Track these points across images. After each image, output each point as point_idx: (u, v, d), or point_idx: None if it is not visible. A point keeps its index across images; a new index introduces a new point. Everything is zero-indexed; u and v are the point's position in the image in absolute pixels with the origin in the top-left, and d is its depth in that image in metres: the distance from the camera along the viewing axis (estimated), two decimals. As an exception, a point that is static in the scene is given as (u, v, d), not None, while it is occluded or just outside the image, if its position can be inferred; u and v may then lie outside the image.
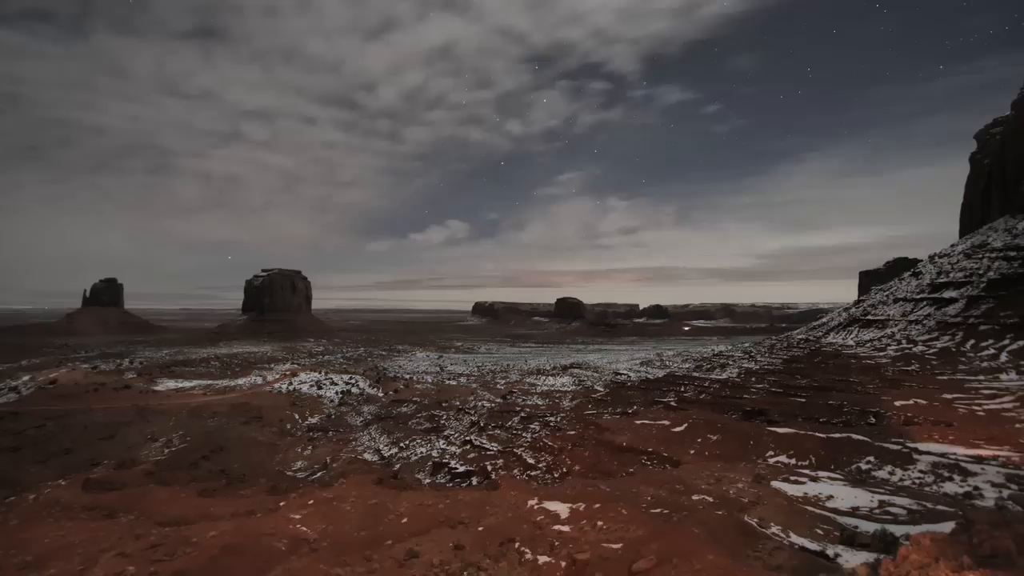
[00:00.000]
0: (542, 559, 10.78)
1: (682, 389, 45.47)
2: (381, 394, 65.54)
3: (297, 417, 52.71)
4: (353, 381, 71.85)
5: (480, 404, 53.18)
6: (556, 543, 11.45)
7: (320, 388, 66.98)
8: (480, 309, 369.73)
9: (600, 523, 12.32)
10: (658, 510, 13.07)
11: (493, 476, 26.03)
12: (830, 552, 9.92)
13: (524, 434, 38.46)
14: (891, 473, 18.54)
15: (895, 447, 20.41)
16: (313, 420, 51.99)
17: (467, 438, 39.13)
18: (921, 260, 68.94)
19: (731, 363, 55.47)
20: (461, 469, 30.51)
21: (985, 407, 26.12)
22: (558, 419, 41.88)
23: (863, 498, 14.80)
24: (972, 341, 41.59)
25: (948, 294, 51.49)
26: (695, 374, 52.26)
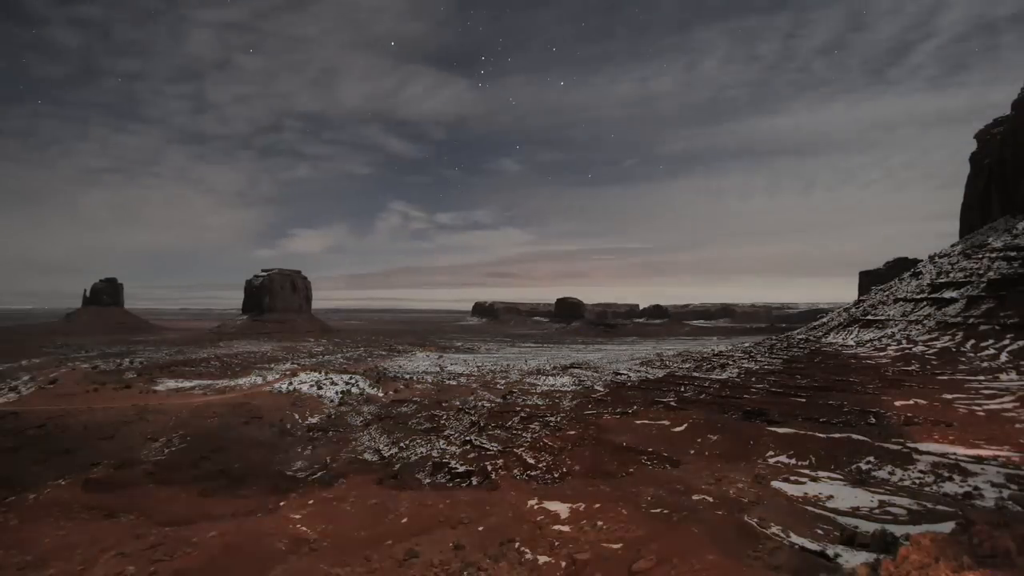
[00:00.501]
0: (542, 559, 10.78)
1: (682, 389, 45.45)
2: (381, 394, 65.52)
3: (297, 417, 52.69)
4: (353, 381, 71.83)
5: (480, 404, 53.14)
6: (556, 543, 11.45)
7: (320, 388, 66.98)
8: (480, 309, 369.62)
9: (600, 523, 12.32)
10: (658, 510, 13.06)
11: (493, 476, 26.01)
12: (830, 552, 9.90)
13: (524, 434, 38.42)
14: (891, 473, 18.51)
15: (895, 447, 20.38)
16: (313, 420, 51.97)
17: (467, 438, 39.10)
18: (921, 260, 68.99)
19: (731, 363, 55.45)
20: (461, 469, 30.48)
21: (985, 407, 26.10)
22: (558, 419, 41.85)
23: (863, 498, 14.79)
24: (972, 341, 41.58)
25: (948, 294, 51.48)
26: (695, 374, 52.24)
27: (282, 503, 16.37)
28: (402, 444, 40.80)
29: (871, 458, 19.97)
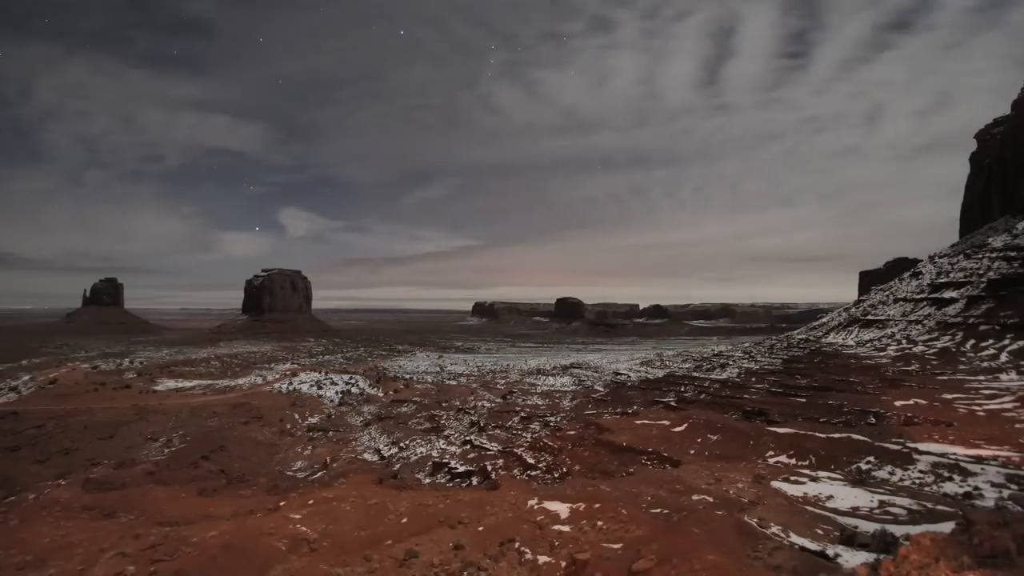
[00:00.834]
0: (542, 559, 10.78)
1: (682, 389, 45.46)
2: (381, 394, 65.53)
3: (297, 417, 52.71)
4: (353, 381, 71.85)
5: (480, 404, 53.17)
6: (556, 543, 11.45)
7: (320, 388, 66.98)
8: (480, 309, 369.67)
9: (600, 523, 12.32)
10: (658, 510, 13.06)
11: (493, 476, 26.02)
12: (830, 552, 9.91)
13: (524, 434, 38.45)
14: (891, 473, 18.51)
15: (895, 447, 20.38)
16: (313, 420, 51.99)
17: (467, 438, 39.12)
18: (921, 260, 69.00)
19: (731, 363, 55.45)
20: (461, 469, 30.50)
21: (985, 407, 26.10)
22: (558, 419, 41.88)
23: (863, 498, 14.79)
24: (972, 341, 41.56)
25: (948, 294, 51.46)
26: (695, 374, 52.25)
27: (282, 503, 16.35)
28: (402, 444, 40.81)
29: (871, 458, 19.96)
